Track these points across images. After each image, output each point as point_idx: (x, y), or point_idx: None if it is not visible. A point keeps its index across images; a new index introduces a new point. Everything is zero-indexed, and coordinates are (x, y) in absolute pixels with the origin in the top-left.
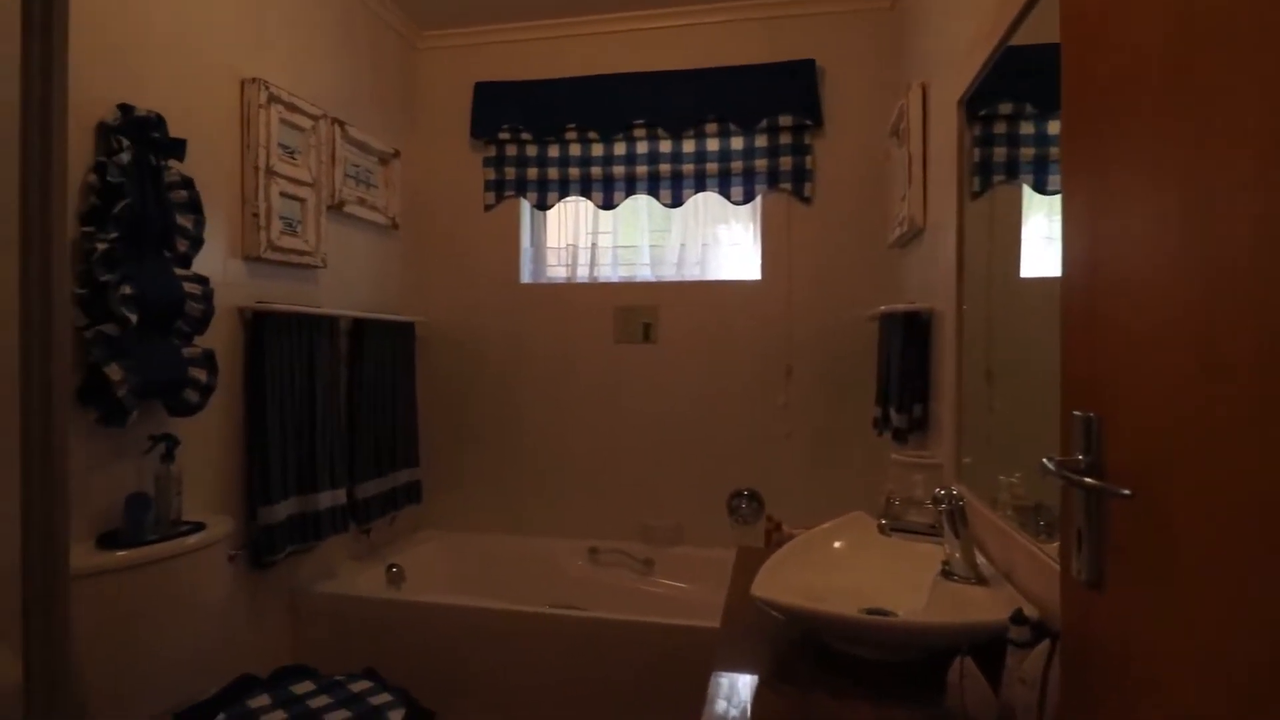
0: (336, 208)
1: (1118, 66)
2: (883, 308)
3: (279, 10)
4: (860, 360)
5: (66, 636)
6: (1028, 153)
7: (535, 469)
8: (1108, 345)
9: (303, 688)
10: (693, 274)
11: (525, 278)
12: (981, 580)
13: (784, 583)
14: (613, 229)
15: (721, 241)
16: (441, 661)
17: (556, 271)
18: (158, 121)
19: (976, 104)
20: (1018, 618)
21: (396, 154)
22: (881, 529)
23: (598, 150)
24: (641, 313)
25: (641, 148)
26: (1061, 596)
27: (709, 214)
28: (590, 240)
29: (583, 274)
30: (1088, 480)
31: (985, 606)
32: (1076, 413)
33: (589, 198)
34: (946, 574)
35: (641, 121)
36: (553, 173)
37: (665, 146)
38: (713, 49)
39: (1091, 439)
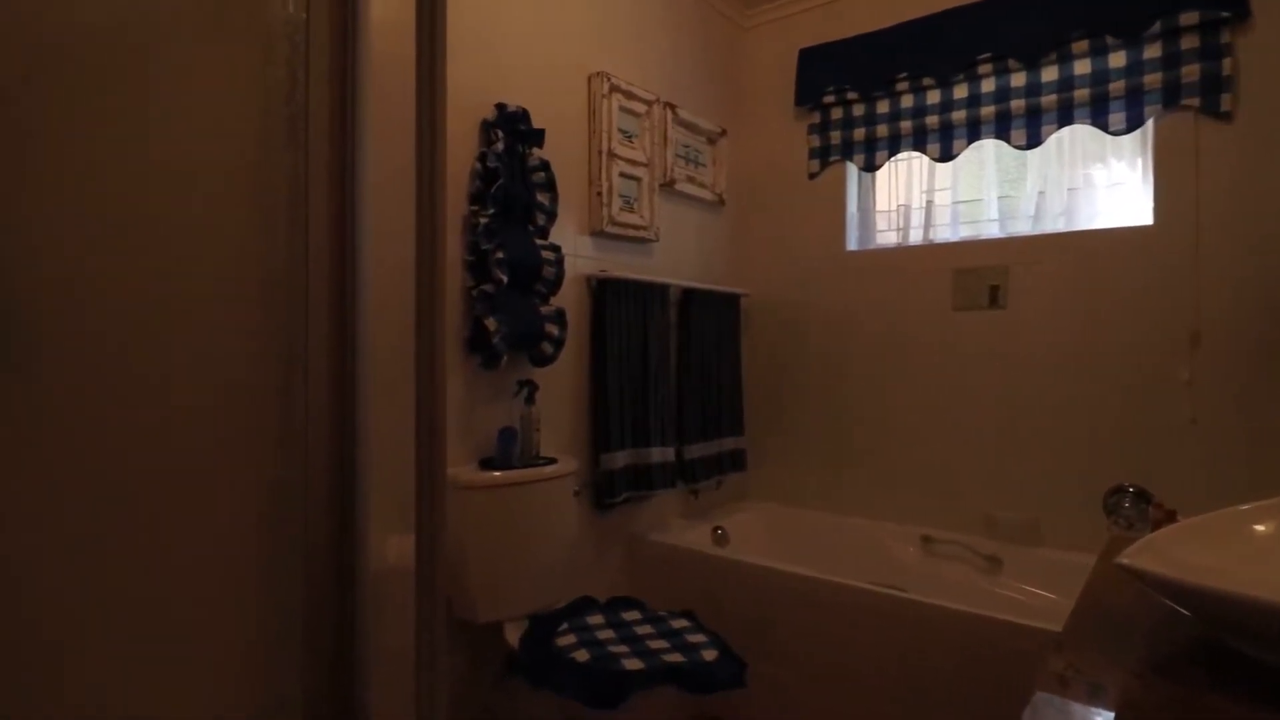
0: (668, 185)
1: None
2: None
3: (620, 8)
4: None
5: (443, 533)
6: None
7: (862, 447)
8: None
9: (631, 615)
10: (1055, 226)
11: (851, 245)
12: None
13: (1171, 561)
14: (951, 184)
15: (1096, 184)
16: (755, 621)
17: (886, 236)
18: (523, 115)
19: None
20: None
21: (723, 132)
22: None
23: (934, 97)
24: (987, 274)
25: (987, 86)
26: None
27: (1077, 152)
28: (925, 199)
29: (916, 236)
30: None
31: None
32: None
33: (923, 151)
34: None
35: (987, 55)
36: (881, 130)
37: (1018, 80)
38: None
39: None
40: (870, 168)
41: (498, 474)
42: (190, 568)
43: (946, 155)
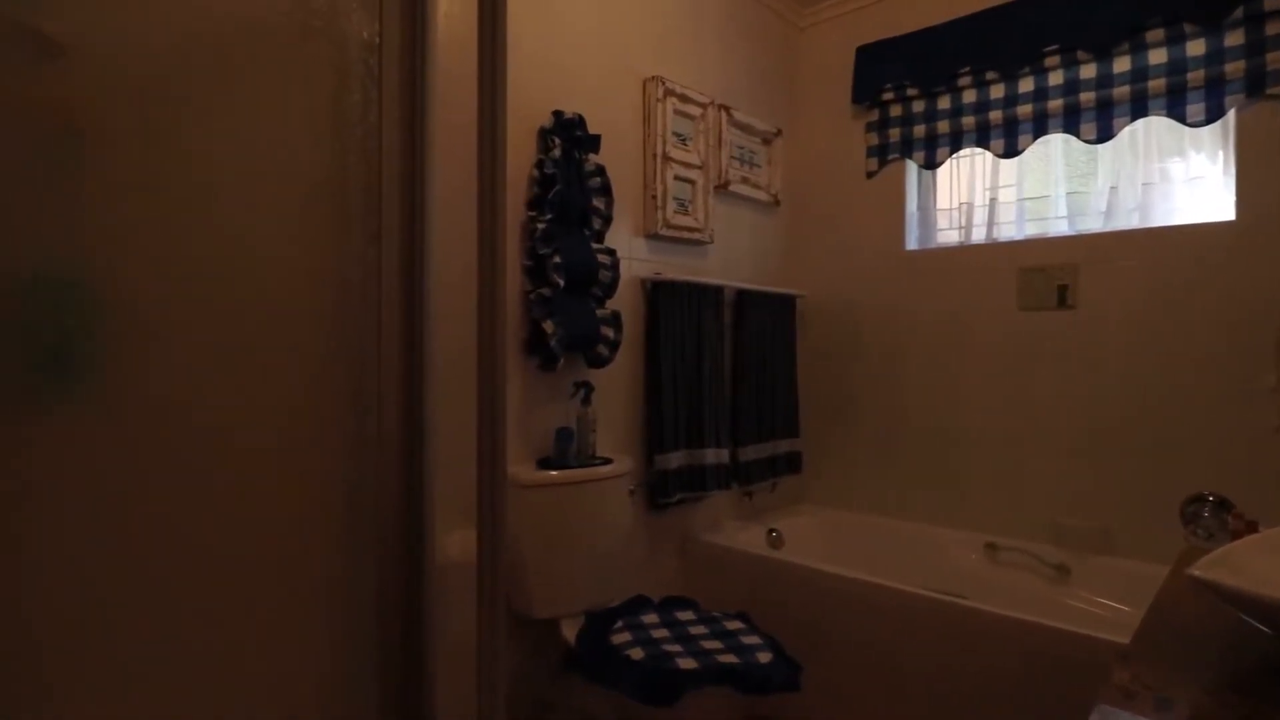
0: (722, 187)
1: None
2: None
3: (675, 13)
4: None
5: (503, 530)
6: None
7: (922, 450)
8: None
9: (685, 615)
10: (1128, 223)
11: (911, 244)
12: None
13: (1248, 573)
14: (1016, 180)
15: (1173, 178)
16: (807, 624)
17: (948, 235)
18: (579, 122)
19: None
20: None
21: (779, 133)
22: None
23: (997, 92)
24: (1055, 273)
25: (1055, 79)
26: None
27: (1152, 145)
28: (988, 196)
29: (979, 235)
30: None
31: None
32: None
33: (986, 147)
34: None
35: (1054, 47)
36: (942, 126)
37: (1088, 71)
38: None
39: None
40: (931, 165)
41: (555, 473)
42: (281, 565)
43: (1011, 151)
